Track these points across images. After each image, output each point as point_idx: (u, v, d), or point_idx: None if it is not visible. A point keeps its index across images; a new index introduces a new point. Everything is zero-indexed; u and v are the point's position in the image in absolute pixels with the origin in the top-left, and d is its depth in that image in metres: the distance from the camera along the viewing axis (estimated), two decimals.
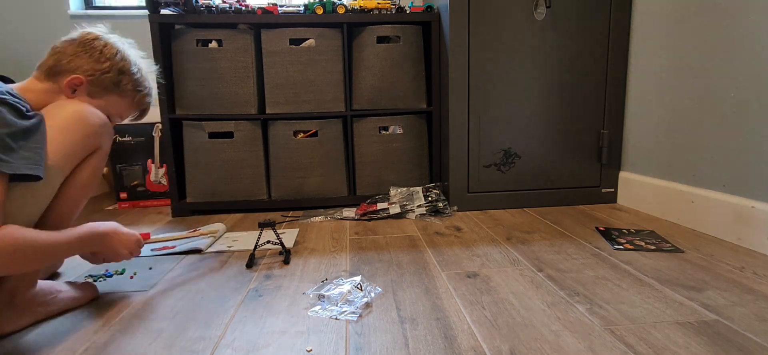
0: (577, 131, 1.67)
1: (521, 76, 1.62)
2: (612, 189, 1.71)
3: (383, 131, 1.78)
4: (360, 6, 1.73)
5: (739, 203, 1.19)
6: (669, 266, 1.06)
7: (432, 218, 1.57)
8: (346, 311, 0.87)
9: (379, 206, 1.63)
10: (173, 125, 1.71)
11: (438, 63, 1.75)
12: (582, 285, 0.97)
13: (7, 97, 0.75)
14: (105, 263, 1.07)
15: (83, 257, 0.96)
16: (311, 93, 1.73)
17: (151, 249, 1.30)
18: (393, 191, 1.72)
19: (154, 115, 1.94)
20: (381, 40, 1.73)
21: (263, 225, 1.17)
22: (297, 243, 1.33)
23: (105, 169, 1.92)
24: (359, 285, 0.97)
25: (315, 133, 1.75)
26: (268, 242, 1.26)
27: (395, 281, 1.03)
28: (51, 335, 0.82)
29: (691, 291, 0.92)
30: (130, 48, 1.00)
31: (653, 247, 1.19)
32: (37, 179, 0.75)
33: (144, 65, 1.02)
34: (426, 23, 1.79)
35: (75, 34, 0.94)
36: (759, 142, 1.15)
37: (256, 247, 1.19)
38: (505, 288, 0.97)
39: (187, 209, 1.74)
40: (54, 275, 1.12)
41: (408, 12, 1.75)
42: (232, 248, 1.29)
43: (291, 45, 1.70)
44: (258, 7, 1.68)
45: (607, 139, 1.67)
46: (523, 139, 1.66)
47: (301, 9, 1.72)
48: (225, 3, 1.67)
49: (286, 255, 1.17)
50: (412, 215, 1.59)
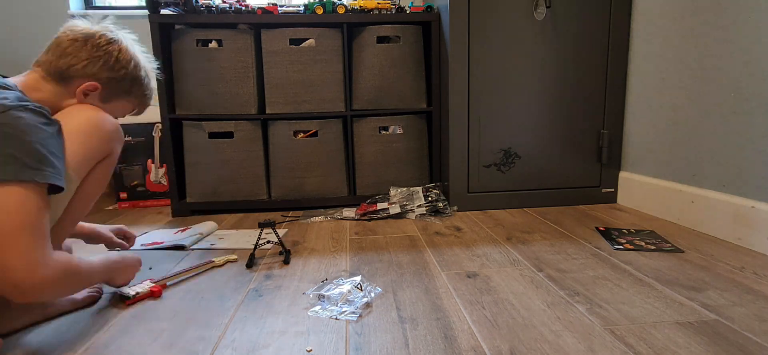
0: (577, 131, 1.67)
1: (521, 76, 1.62)
2: (612, 189, 1.71)
3: (383, 131, 1.78)
4: (360, 6, 1.73)
5: (739, 203, 1.19)
6: (669, 266, 1.06)
7: (432, 218, 1.57)
8: (346, 311, 0.87)
9: (379, 206, 1.63)
10: (173, 125, 1.71)
11: (438, 63, 1.75)
12: (582, 285, 0.97)
13: (28, 102, 0.74)
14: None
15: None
16: (311, 93, 1.73)
17: (141, 244, 1.34)
18: (393, 191, 1.72)
19: (154, 115, 1.94)
20: (381, 40, 1.73)
21: (263, 225, 1.18)
22: (297, 243, 1.33)
23: None
24: (359, 285, 0.97)
25: (315, 133, 1.75)
26: (267, 242, 1.26)
27: (395, 281, 1.03)
28: (51, 335, 0.82)
29: (691, 291, 0.92)
30: (136, 47, 0.98)
31: (653, 247, 1.19)
32: (62, 190, 0.74)
33: (148, 65, 1.00)
34: (426, 23, 1.79)
35: (79, 30, 0.89)
36: (759, 142, 1.15)
37: (256, 247, 1.19)
38: (505, 288, 0.97)
39: (187, 209, 1.74)
40: None
41: (408, 12, 1.75)
42: (215, 246, 1.31)
43: (291, 45, 1.70)
44: (258, 7, 1.68)
45: (607, 139, 1.67)
46: (523, 139, 1.66)
47: (301, 9, 1.72)
48: (225, 3, 1.67)
49: (286, 255, 1.17)
50: (412, 215, 1.59)
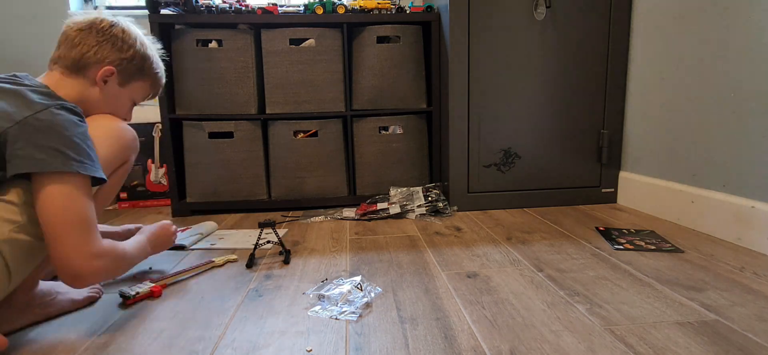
0: (577, 131, 1.67)
1: (521, 76, 1.62)
2: (612, 189, 1.71)
3: (383, 131, 1.78)
4: (360, 6, 1.73)
5: (739, 203, 1.19)
6: (669, 266, 1.06)
7: (432, 218, 1.57)
8: (346, 311, 0.87)
9: (379, 206, 1.63)
10: (173, 125, 1.71)
11: (438, 63, 1.75)
12: (582, 285, 0.97)
13: (65, 102, 0.78)
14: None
15: None
16: (311, 93, 1.73)
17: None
18: (393, 191, 1.72)
19: (154, 115, 1.94)
20: (381, 40, 1.73)
21: (263, 225, 1.18)
22: (297, 243, 1.33)
23: None
24: (359, 285, 0.97)
25: (315, 133, 1.75)
26: (267, 242, 1.26)
27: (395, 281, 1.03)
28: (51, 335, 0.82)
29: (691, 291, 0.92)
30: (136, 27, 0.98)
31: (653, 247, 1.19)
32: (104, 181, 0.79)
33: (151, 44, 1.01)
34: (426, 23, 1.79)
35: (81, 20, 0.90)
36: (759, 142, 1.15)
37: (256, 247, 1.19)
38: (505, 288, 0.97)
39: (187, 209, 1.74)
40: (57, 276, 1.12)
41: (408, 12, 1.75)
42: (215, 246, 1.31)
43: (291, 45, 1.70)
44: (258, 7, 1.68)
45: (607, 139, 1.67)
46: (523, 139, 1.66)
47: (301, 9, 1.72)
48: (225, 3, 1.67)
49: (286, 255, 1.17)
50: (412, 215, 1.59)
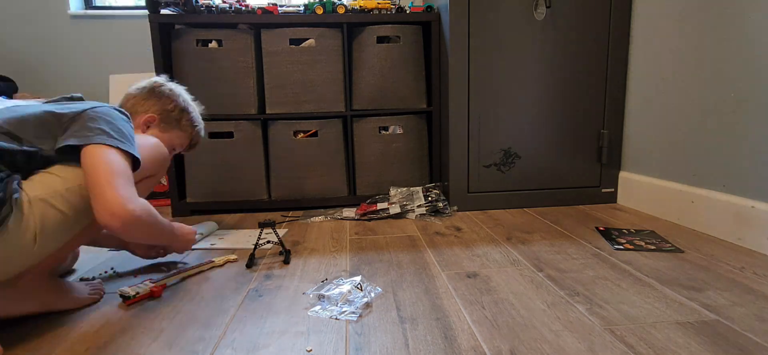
0: (577, 131, 1.67)
1: (521, 76, 1.62)
2: (612, 189, 1.71)
3: (383, 131, 1.78)
4: (360, 6, 1.73)
5: (739, 203, 1.19)
6: (669, 266, 1.06)
7: (432, 218, 1.57)
8: (346, 311, 0.87)
9: (379, 206, 1.63)
10: None
11: (438, 63, 1.75)
12: (582, 285, 0.97)
13: (118, 107, 0.95)
14: (155, 257, 1.20)
15: (134, 251, 1.16)
16: (311, 93, 1.73)
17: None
18: (393, 191, 1.72)
19: None
20: (381, 40, 1.73)
21: (263, 225, 1.18)
22: (297, 243, 1.33)
23: None
24: (359, 285, 0.97)
25: (315, 133, 1.75)
26: (267, 242, 1.26)
27: (395, 281, 1.03)
28: (51, 335, 0.82)
29: (691, 291, 0.92)
30: (184, 92, 1.20)
31: (653, 247, 1.19)
32: (139, 165, 0.90)
33: (193, 104, 1.22)
34: (426, 23, 1.79)
35: (146, 82, 1.14)
36: (759, 142, 1.15)
37: (256, 247, 1.19)
38: (505, 288, 0.97)
39: (187, 208, 1.74)
40: (66, 273, 1.12)
41: (408, 12, 1.75)
42: (215, 246, 1.31)
43: (291, 45, 1.70)
44: (258, 7, 1.68)
45: (607, 139, 1.67)
46: (523, 139, 1.66)
47: (301, 9, 1.72)
48: (225, 3, 1.67)
49: (286, 255, 1.17)
50: (412, 215, 1.59)
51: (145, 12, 1.66)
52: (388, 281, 1.03)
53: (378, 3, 1.73)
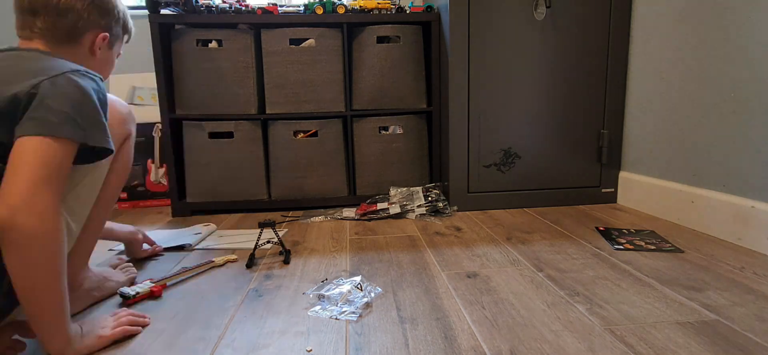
0: (577, 131, 1.67)
1: (521, 76, 1.62)
2: (612, 189, 1.71)
3: (383, 131, 1.78)
4: (360, 6, 1.73)
5: (739, 203, 1.19)
6: (669, 266, 1.06)
7: (432, 218, 1.57)
8: (346, 311, 0.87)
9: (379, 206, 1.63)
10: (173, 125, 1.71)
11: (438, 63, 1.75)
12: (582, 285, 0.97)
13: (79, 68, 0.75)
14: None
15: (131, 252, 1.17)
16: (311, 93, 1.73)
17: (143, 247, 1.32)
18: (393, 191, 1.72)
19: (154, 115, 1.94)
20: (381, 40, 1.73)
21: (263, 225, 1.18)
22: (297, 243, 1.33)
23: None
24: (359, 285, 0.97)
25: (315, 133, 1.75)
26: (267, 242, 1.26)
27: (395, 281, 1.03)
28: None
29: (691, 291, 0.92)
30: None
31: (653, 247, 1.19)
32: (110, 152, 0.75)
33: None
34: (426, 23, 1.79)
35: None
36: (759, 142, 1.15)
37: (256, 247, 1.19)
38: (505, 288, 0.97)
39: (187, 208, 1.74)
40: None
41: (408, 12, 1.75)
42: (215, 246, 1.31)
43: (291, 45, 1.70)
44: (258, 7, 1.68)
45: (607, 139, 1.67)
46: (523, 139, 1.66)
47: (301, 9, 1.72)
48: (225, 3, 1.67)
49: (286, 255, 1.17)
50: (412, 215, 1.59)
51: (145, 12, 1.66)
52: (388, 281, 1.03)
53: (378, 3, 1.73)
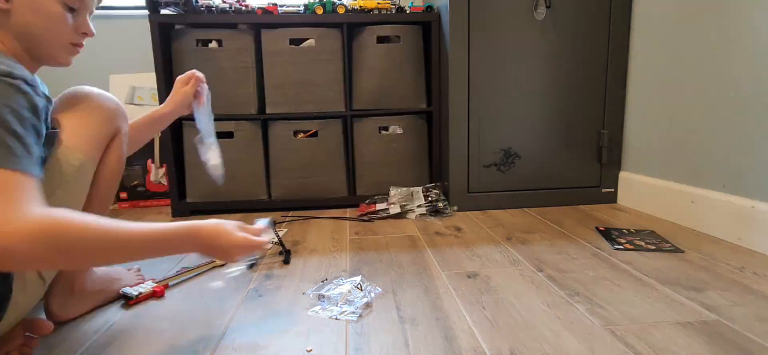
0: (577, 131, 1.67)
1: (521, 76, 1.62)
2: (612, 189, 1.71)
3: (383, 131, 1.78)
4: (360, 6, 1.73)
5: (739, 203, 1.19)
6: (669, 266, 1.06)
7: (432, 218, 1.57)
8: (346, 311, 0.87)
9: (379, 206, 1.63)
10: (173, 125, 1.71)
11: (438, 63, 1.75)
12: (582, 285, 0.97)
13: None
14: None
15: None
16: (311, 93, 1.73)
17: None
18: (393, 191, 1.72)
19: None
20: (381, 40, 1.73)
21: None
22: (297, 243, 1.33)
23: None
24: (359, 285, 0.97)
25: (315, 133, 1.75)
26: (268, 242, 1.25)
27: (395, 281, 1.02)
28: (51, 334, 0.82)
29: (691, 291, 0.92)
30: None
31: (653, 247, 1.19)
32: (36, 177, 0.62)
33: None
34: (426, 23, 1.79)
35: None
36: (759, 142, 1.15)
37: None
38: (506, 288, 0.97)
39: (187, 209, 1.74)
40: None
41: (408, 12, 1.75)
42: None
43: (291, 45, 1.70)
44: (258, 7, 1.68)
45: (607, 139, 1.67)
46: (523, 139, 1.66)
47: (301, 9, 1.72)
48: (225, 3, 1.67)
49: (286, 255, 1.17)
50: (412, 215, 1.59)
51: (145, 12, 1.65)
52: (388, 281, 1.03)
53: (378, 3, 1.73)
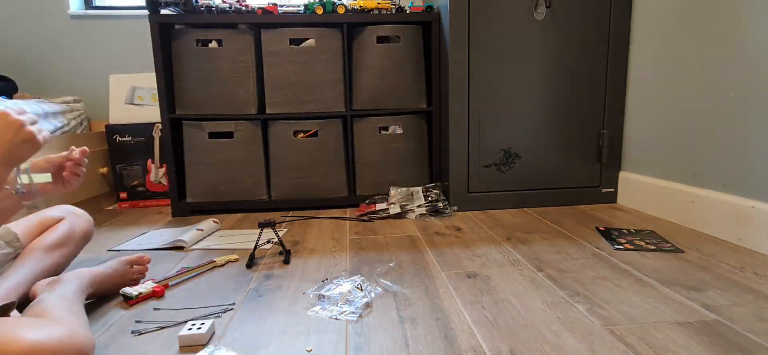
0: (577, 131, 1.67)
1: (521, 76, 1.62)
2: (612, 189, 1.71)
3: (383, 131, 1.78)
4: (360, 6, 1.73)
5: (739, 203, 1.19)
6: (669, 266, 1.06)
7: (432, 218, 1.57)
8: (346, 311, 0.87)
9: (379, 206, 1.63)
10: (173, 125, 1.71)
11: (438, 63, 1.75)
12: (582, 285, 0.97)
13: None
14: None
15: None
16: (311, 93, 1.73)
17: (138, 243, 1.36)
18: (393, 191, 1.72)
19: (154, 115, 1.94)
20: (381, 40, 1.73)
21: (263, 225, 1.17)
22: (297, 243, 1.33)
23: (105, 169, 1.92)
24: (359, 285, 0.97)
25: (315, 133, 1.75)
26: (267, 242, 1.26)
27: (395, 281, 1.02)
28: None
29: (691, 291, 0.92)
30: None
31: (653, 247, 1.19)
32: None
33: None
34: (426, 23, 1.79)
35: None
36: (759, 142, 1.15)
37: (256, 247, 1.19)
38: (506, 288, 0.97)
39: (187, 208, 1.74)
40: None
41: (408, 12, 1.75)
42: (220, 246, 1.31)
43: (291, 45, 1.70)
44: (258, 7, 1.68)
45: (607, 139, 1.67)
46: (523, 139, 1.66)
47: (301, 9, 1.72)
48: (225, 3, 1.67)
49: (286, 255, 1.17)
50: (412, 215, 1.59)
51: (145, 12, 1.66)
52: (388, 280, 1.02)
53: (378, 3, 1.73)
